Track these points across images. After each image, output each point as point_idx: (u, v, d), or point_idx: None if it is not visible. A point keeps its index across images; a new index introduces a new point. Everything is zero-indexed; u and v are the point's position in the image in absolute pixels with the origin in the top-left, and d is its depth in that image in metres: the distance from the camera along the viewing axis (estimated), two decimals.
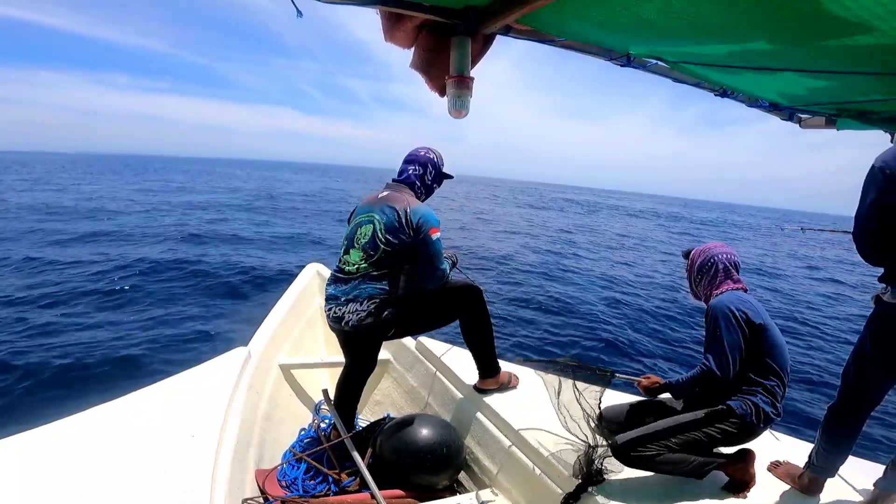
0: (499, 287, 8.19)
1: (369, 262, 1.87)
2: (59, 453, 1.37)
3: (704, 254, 1.87)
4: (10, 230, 10.32)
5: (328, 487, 1.84)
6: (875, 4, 0.76)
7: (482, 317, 2.07)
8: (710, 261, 1.84)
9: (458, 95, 1.27)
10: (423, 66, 1.32)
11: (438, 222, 1.90)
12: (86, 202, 16.67)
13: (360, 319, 1.84)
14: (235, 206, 18.57)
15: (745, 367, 1.67)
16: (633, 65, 1.35)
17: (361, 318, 1.84)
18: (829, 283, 12.75)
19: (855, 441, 1.65)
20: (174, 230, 11.73)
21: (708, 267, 1.84)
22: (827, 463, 1.68)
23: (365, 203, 2.01)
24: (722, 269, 1.81)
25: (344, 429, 1.98)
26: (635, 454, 1.64)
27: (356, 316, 1.85)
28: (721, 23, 0.98)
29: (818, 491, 1.71)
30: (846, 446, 1.65)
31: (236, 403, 1.81)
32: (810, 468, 1.71)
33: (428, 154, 2.06)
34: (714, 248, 1.88)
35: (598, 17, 1.07)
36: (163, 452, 1.42)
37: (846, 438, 1.65)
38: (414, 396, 2.56)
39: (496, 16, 1.10)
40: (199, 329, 5.31)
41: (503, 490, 1.83)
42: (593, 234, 19.35)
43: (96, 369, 4.11)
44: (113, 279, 6.87)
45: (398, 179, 2.04)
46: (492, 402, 2.07)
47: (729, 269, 1.82)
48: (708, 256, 1.85)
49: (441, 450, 1.80)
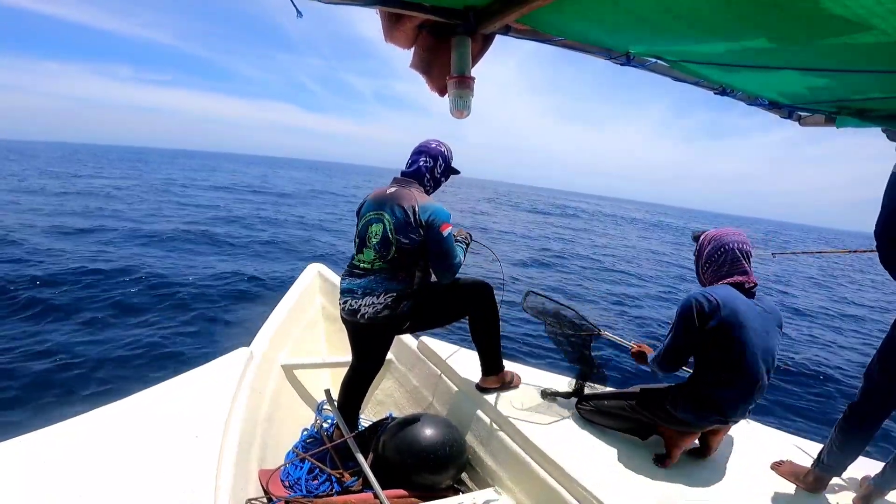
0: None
1: (384, 261, 1.89)
2: (64, 454, 1.37)
3: (716, 240, 1.75)
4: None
5: (331, 487, 1.84)
6: (875, 3, 0.76)
7: (491, 313, 2.07)
8: (720, 248, 1.72)
9: (460, 95, 1.27)
10: (423, 66, 1.33)
11: (449, 216, 1.90)
12: (88, 194, 16.68)
13: (376, 312, 1.86)
14: (234, 206, 18.56)
15: (699, 357, 1.69)
16: (632, 64, 1.35)
17: (378, 310, 1.86)
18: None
19: (869, 441, 1.63)
20: (174, 229, 11.73)
21: (718, 255, 1.73)
22: (837, 462, 1.67)
23: (373, 198, 2.00)
24: (731, 259, 1.70)
25: (347, 429, 1.99)
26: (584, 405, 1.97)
27: (373, 308, 1.86)
28: (720, 21, 0.98)
29: (823, 489, 1.71)
30: (860, 446, 1.64)
31: (239, 404, 1.81)
32: (819, 466, 1.70)
33: (439, 147, 2.06)
34: (727, 234, 1.75)
35: (597, 17, 1.07)
36: (166, 453, 1.42)
37: (862, 438, 1.63)
38: (416, 396, 2.56)
39: (496, 16, 1.10)
40: (200, 329, 5.31)
41: (506, 489, 1.83)
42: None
43: (96, 370, 4.12)
44: (111, 280, 6.88)
45: (407, 171, 2.02)
46: (494, 402, 2.07)
47: (739, 259, 1.70)
48: (719, 244, 1.73)
49: (444, 449, 1.80)
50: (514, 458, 1.85)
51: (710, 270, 1.75)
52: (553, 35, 1.23)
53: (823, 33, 0.94)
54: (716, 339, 1.60)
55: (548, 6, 0.98)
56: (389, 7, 1.11)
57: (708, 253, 1.76)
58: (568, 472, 1.64)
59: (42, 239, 8.93)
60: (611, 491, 1.56)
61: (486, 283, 2.08)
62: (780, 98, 1.66)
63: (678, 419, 1.70)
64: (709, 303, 1.60)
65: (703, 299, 1.62)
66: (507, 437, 1.93)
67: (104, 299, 6.06)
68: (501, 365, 2.19)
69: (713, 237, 1.77)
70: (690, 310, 1.63)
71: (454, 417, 2.15)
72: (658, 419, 1.77)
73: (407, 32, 1.24)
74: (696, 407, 1.67)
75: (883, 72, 1.14)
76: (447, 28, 1.21)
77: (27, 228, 9.75)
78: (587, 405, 2.00)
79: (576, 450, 1.80)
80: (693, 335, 1.63)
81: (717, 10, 0.92)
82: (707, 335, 1.61)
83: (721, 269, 1.72)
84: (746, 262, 1.71)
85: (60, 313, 5.44)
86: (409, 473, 1.78)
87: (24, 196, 15.18)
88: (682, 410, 1.69)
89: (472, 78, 1.26)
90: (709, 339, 1.61)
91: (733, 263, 1.70)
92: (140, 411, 1.64)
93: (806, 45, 1.04)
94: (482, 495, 1.76)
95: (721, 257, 1.72)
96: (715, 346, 1.61)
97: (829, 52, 1.06)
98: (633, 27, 1.12)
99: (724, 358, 1.61)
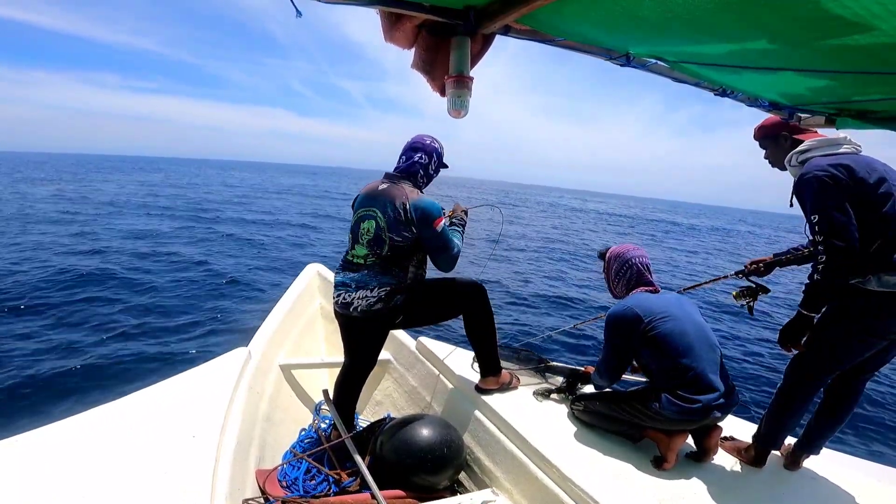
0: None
1: (377, 258, 1.90)
2: (60, 454, 1.37)
3: (620, 257, 1.99)
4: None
5: (329, 487, 1.84)
6: (875, 4, 0.76)
7: (485, 315, 2.08)
8: (625, 264, 1.97)
9: (458, 95, 1.27)
10: (424, 66, 1.32)
11: (440, 210, 1.91)
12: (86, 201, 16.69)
13: (369, 305, 1.87)
14: (233, 205, 18.57)
15: (652, 358, 1.81)
16: (632, 65, 1.35)
17: (371, 303, 1.87)
18: None
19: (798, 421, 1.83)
20: (174, 230, 11.73)
21: (624, 270, 1.97)
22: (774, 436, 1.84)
23: (365, 193, 2.00)
24: (636, 272, 1.95)
25: (344, 429, 1.98)
26: (577, 405, 2.02)
27: (365, 301, 1.87)
28: (721, 22, 0.98)
29: (762, 463, 1.86)
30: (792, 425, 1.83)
31: (237, 404, 1.81)
32: (759, 441, 1.86)
33: (433, 143, 2.06)
34: (629, 251, 2.00)
35: (597, 17, 1.07)
36: (163, 453, 1.42)
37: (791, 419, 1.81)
38: (414, 396, 2.56)
39: (496, 16, 1.09)
40: (199, 330, 5.31)
41: (504, 490, 1.83)
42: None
43: (94, 370, 4.11)
44: (108, 278, 6.87)
45: (401, 167, 2.02)
46: (492, 402, 2.07)
47: (643, 272, 1.95)
48: (623, 260, 1.98)
49: (441, 450, 1.80)
50: (511, 459, 1.85)
51: (620, 284, 1.99)
52: (553, 35, 1.23)
53: (824, 34, 0.94)
54: (653, 338, 1.76)
55: (548, 6, 0.97)
56: (389, 7, 1.11)
57: (616, 269, 2.00)
58: (566, 473, 1.64)
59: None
60: (608, 492, 1.55)
61: (480, 283, 2.09)
62: (780, 99, 1.66)
63: (666, 417, 1.72)
64: (628, 311, 1.81)
65: (623, 310, 1.83)
66: (506, 438, 1.92)
67: (104, 299, 6.06)
68: (499, 366, 2.18)
69: (617, 254, 2.02)
70: (614, 323, 1.85)
71: (452, 418, 2.14)
72: (646, 420, 1.78)
73: (407, 33, 1.24)
74: (678, 398, 1.71)
75: (883, 73, 1.14)
76: (447, 28, 1.21)
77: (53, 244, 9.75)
78: (580, 405, 2.03)
79: (574, 451, 1.80)
80: (622, 345, 1.84)
81: (717, 12, 0.92)
82: (643, 338, 1.78)
83: (630, 281, 1.96)
84: (649, 273, 1.97)
85: (60, 312, 5.44)
86: (407, 474, 1.78)
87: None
88: (666, 407, 1.72)
89: (470, 78, 1.26)
90: (648, 340, 1.77)
91: (639, 276, 1.95)
92: (137, 411, 1.64)
93: (806, 46, 1.03)
94: (480, 496, 1.75)
95: (627, 272, 1.97)
96: (655, 343, 1.76)
97: (829, 54, 1.06)
98: (633, 28, 1.11)
99: (669, 348, 1.75)
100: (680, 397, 1.70)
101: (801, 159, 1.71)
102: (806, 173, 1.61)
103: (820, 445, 1.85)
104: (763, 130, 1.89)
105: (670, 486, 1.65)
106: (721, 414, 1.74)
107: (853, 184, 1.54)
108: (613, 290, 2.04)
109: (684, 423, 1.73)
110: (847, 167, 1.56)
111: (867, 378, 1.78)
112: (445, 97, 1.33)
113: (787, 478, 1.82)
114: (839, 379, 1.78)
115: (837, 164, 1.57)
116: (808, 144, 1.70)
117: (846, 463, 1.95)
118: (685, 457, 1.84)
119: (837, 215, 1.53)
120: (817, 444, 1.84)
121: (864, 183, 1.55)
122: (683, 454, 1.84)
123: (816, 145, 1.68)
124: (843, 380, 1.77)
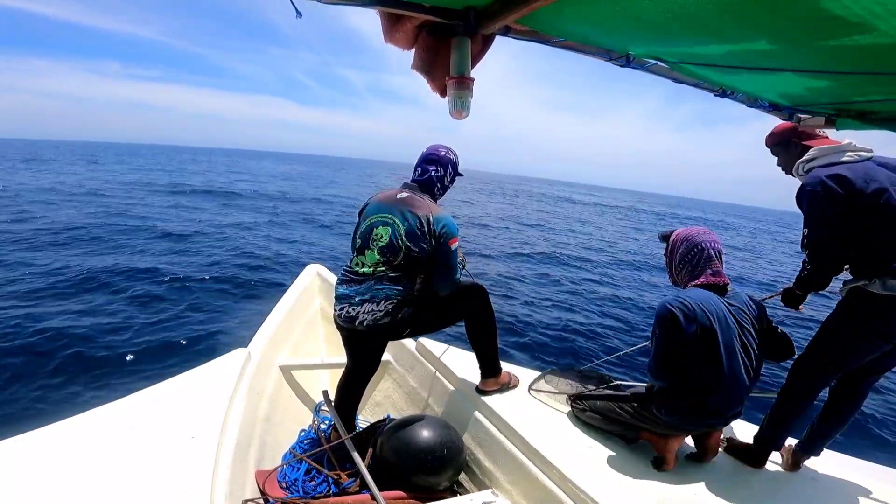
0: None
1: (388, 266, 1.86)
2: (59, 454, 1.37)
3: (689, 240, 1.76)
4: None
5: (328, 488, 1.84)
6: (875, 4, 0.76)
7: (487, 317, 2.07)
8: (694, 248, 1.74)
9: (459, 96, 1.27)
10: (424, 67, 1.32)
11: (458, 231, 1.91)
12: (86, 190, 16.68)
13: (375, 319, 1.84)
14: (234, 204, 18.56)
15: (681, 362, 1.66)
16: (632, 65, 1.35)
17: (377, 317, 1.84)
18: None
19: (800, 422, 1.83)
20: (176, 227, 11.72)
21: (692, 255, 1.74)
22: (775, 437, 1.85)
23: (380, 201, 1.97)
24: (705, 258, 1.72)
25: (344, 430, 1.98)
26: (577, 405, 1.97)
27: (371, 316, 1.84)
28: (721, 23, 0.98)
29: (762, 464, 1.86)
30: (794, 425, 1.83)
31: (236, 404, 1.80)
32: (760, 441, 1.86)
33: (448, 154, 2.05)
34: (699, 233, 1.77)
35: (597, 18, 1.07)
36: (163, 453, 1.42)
37: (793, 420, 1.82)
38: (414, 397, 2.56)
39: (496, 16, 1.09)
40: (199, 330, 5.30)
41: (504, 491, 1.83)
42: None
43: (93, 371, 4.10)
44: (106, 277, 6.87)
45: (419, 180, 2.01)
46: (492, 403, 2.07)
47: (713, 258, 1.72)
48: (693, 244, 1.74)
49: (441, 450, 1.80)
50: (511, 460, 1.85)
51: (685, 271, 1.76)
52: (553, 36, 1.23)
53: (824, 35, 0.94)
54: (694, 346, 1.60)
55: (548, 7, 0.97)
56: (389, 7, 1.11)
57: (682, 253, 1.76)
58: (566, 473, 1.64)
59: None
60: (609, 493, 1.55)
61: (481, 285, 2.08)
62: (780, 100, 1.66)
63: (664, 422, 1.70)
64: (685, 308, 1.59)
65: (679, 305, 1.61)
66: (506, 439, 1.92)
67: (103, 299, 6.06)
68: (500, 367, 2.18)
69: (686, 237, 1.78)
70: (667, 317, 1.62)
71: (452, 419, 2.14)
72: (644, 422, 1.77)
73: (407, 33, 1.23)
74: (682, 411, 1.68)
75: (883, 73, 1.14)
76: (447, 29, 1.21)
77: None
78: (580, 405, 2.01)
79: (574, 452, 1.80)
80: (674, 340, 1.62)
81: (717, 12, 0.92)
82: (686, 342, 1.60)
83: (696, 268, 1.72)
84: (719, 261, 1.72)
85: (59, 311, 5.43)
86: (407, 475, 1.78)
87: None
88: (667, 414, 1.69)
89: (471, 79, 1.26)
90: (687, 346, 1.60)
91: (707, 262, 1.71)
92: (136, 411, 1.64)
93: (806, 46, 1.03)
94: (480, 497, 1.75)
95: (695, 257, 1.73)
96: (694, 352, 1.61)
97: (829, 54, 1.06)
98: (633, 28, 1.11)
99: (703, 363, 1.61)
100: (684, 411, 1.67)
101: (805, 168, 1.72)
102: (803, 185, 1.64)
103: (821, 447, 1.85)
104: (773, 138, 1.88)
105: (670, 486, 1.65)
106: (720, 425, 1.73)
107: (848, 195, 1.57)
108: (675, 277, 1.81)
109: (681, 430, 1.73)
110: (843, 178, 1.58)
111: (872, 381, 1.77)
112: (446, 98, 1.33)
113: (787, 478, 1.82)
114: (844, 381, 1.78)
115: (835, 174, 1.59)
116: (812, 154, 1.71)
117: (846, 463, 1.95)
118: (685, 457, 1.84)
119: (821, 231, 1.59)
120: (819, 445, 1.84)
121: (861, 193, 1.56)
122: (684, 455, 1.84)
123: (819, 154, 1.69)
124: (847, 382, 1.77)
